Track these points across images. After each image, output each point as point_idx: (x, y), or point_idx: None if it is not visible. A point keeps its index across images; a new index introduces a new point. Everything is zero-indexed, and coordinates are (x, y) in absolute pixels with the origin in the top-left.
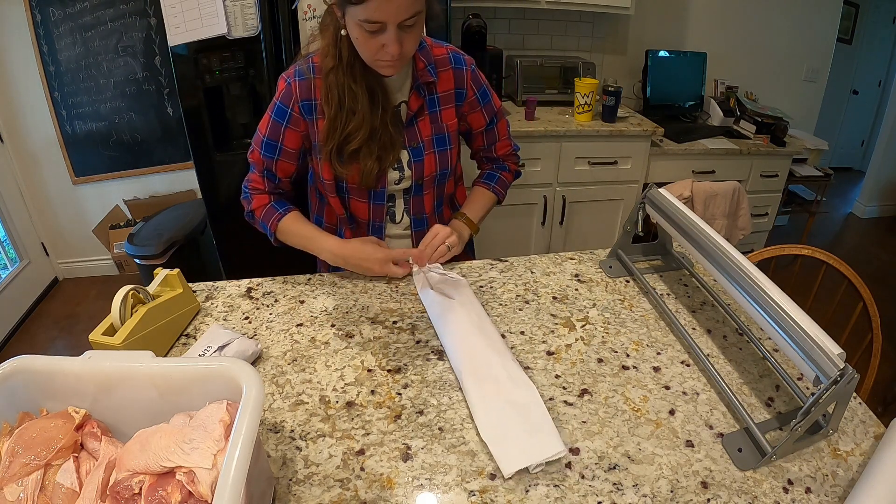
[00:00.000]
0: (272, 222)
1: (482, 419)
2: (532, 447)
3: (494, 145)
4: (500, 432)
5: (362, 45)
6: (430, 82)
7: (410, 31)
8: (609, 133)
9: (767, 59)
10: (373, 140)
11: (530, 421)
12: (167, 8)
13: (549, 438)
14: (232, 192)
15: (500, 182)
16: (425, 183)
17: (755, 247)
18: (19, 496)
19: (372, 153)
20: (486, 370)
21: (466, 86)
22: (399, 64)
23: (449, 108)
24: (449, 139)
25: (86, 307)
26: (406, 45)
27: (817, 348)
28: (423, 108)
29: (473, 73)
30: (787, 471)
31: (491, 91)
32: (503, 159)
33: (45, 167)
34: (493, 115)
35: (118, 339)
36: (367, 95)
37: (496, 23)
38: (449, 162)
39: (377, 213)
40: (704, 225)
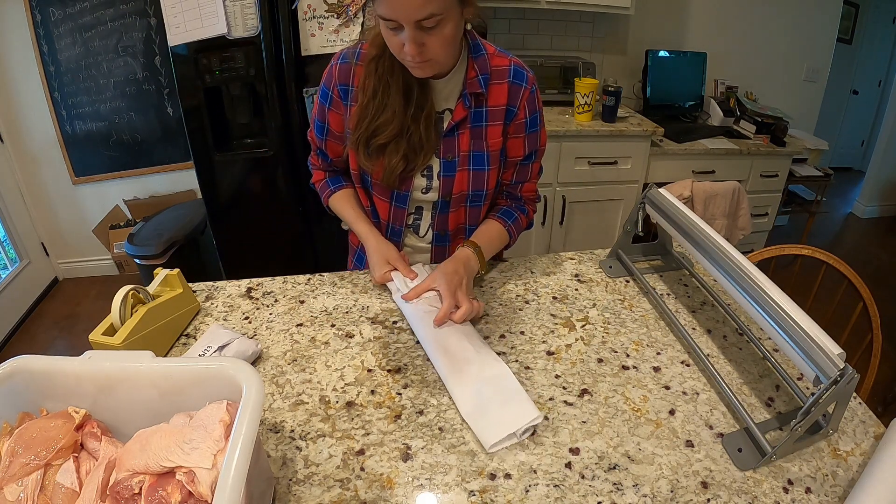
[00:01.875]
0: (324, 197)
1: (458, 396)
2: (509, 417)
3: (523, 184)
4: (477, 408)
5: (388, 41)
6: (479, 93)
7: (432, 33)
8: (609, 133)
9: (767, 59)
10: (402, 138)
11: (503, 392)
12: (167, 8)
13: (523, 406)
14: (232, 191)
15: (516, 224)
16: (453, 200)
17: (755, 247)
18: (19, 496)
19: (399, 150)
20: (457, 350)
21: (520, 105)
22: (427, 67)
23: (496, 126)
24: (488, 159)
25: (86, 307)
26: (430, 48)
27: (817, 348)
28: (467, 120)
29: (532, 95)
30: (787, 471)
31: (542, 122)
32: (525, 201)
33: (45, 167)
34: (534, 151)
35: (118, 339)
36: (402, 92)
37: (496, 23)
38: (485, 183)
39: (398, 216)
40: (704, 225)
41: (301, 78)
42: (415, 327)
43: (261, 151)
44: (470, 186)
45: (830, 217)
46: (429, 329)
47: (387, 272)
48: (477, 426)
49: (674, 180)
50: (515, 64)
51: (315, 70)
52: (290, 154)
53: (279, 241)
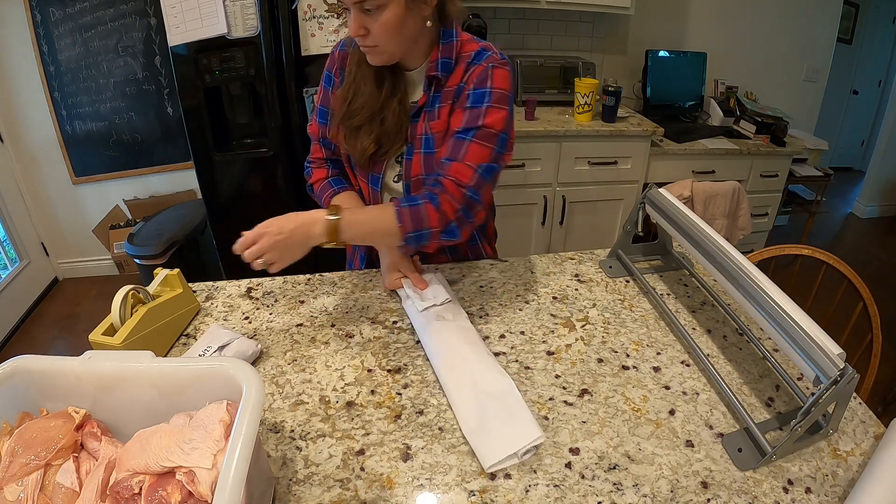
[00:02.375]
0: (325, 198)
1: (461, 413)
2: (510, 437)
3: (451, 163)
4: (479, 425)
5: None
6: (434, 77)
7: (373, 18)
8: (609, 133)
9: (767, 59)
10: (375, 121)
11: (506, 410)
12: (167, 8)
13: (526, 426)
14: (232, 191)
15: (415, 210)
16: (413, 184)
17: (755, 247)
18: (19, 496)
19: (371, 133)
20: (461, 364)
21: (468, 80)
22: (375, 53)
23: (444, 107)
24: (433, 141)
25: (86, 307)
26: (373, 34)
27: (817, 348)
28: (426, 104)
29: (485, 70)
30: (787, 471)
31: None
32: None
33: (45, 167)
34: (473, 127)
35: (118, 340)
36: (374, 78)
37: (496, 23)
38: (434, 167)
39: (374, 198)
40: (704, 225)
41: (301, 78)
42: (422, 339)
43: (261, 151)
44: (423, 170)
45: (830, 217)
46: (436, 342)
47: (397, 279)
48: (478, 445)
49: (674, 180)
50: (483, 47)
51: (315, 70)
52: (290, 154)
53: None
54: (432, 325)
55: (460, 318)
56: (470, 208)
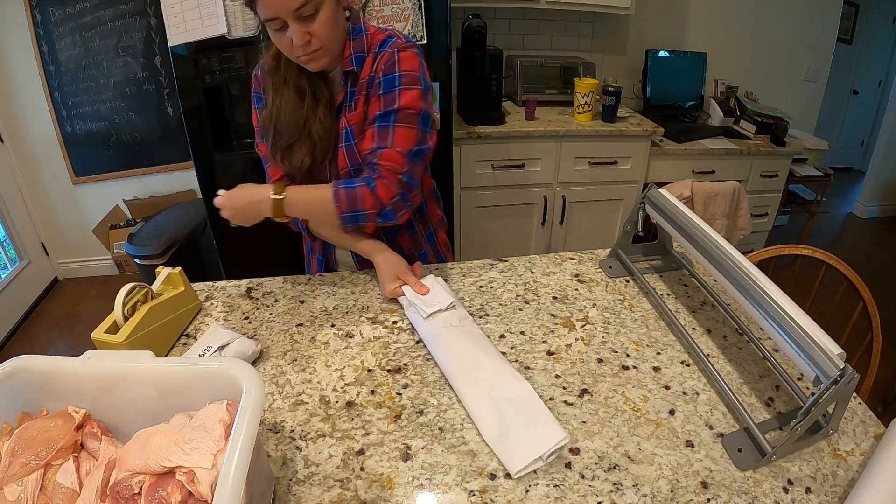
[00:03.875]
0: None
1: (482, 421)
2: (533, 441)
3: (382, 151)
4: (501, 432)
5: (277, 44)
6: (350, 71)
7: (314, 21)
8: (609, 133)
9: (767, 59)
10: (303, 135)
11: (527, 414)
12: (167, 8)
13: (548, 428)
14: None
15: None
16: (342, 177)
17: (755, 247)
18: (19, 496)
19: (303, 149)
20: (476, 370)
21: (377, 69)
22: (319, 56)
23: (360, 98)
24: (351, 133)
25: (86, 307)
26: (317, 36)
27: (817, 348)
28: (345, 99)
29: (390, 56)
30: (787, 471)
31: (404, 85)
32: (380, 171)
33: (45, 167)
34: (391, 111)
35: (121, 338)
36: (295, 95)
37: (496, 23)
38: (357, 156)
39: None
40: (704, 225)
41: None
42: (431, 348)
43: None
44: (347, 162)
45: (830, 217)
46: (446, 350)
47: (397, 287)
48: (502, 451)
49: (674, 180)
50: (389, 34)
51: None
52: None
53: (279, 241)
54: (440, 333)
55: (467, 323)
56: (407, 192)
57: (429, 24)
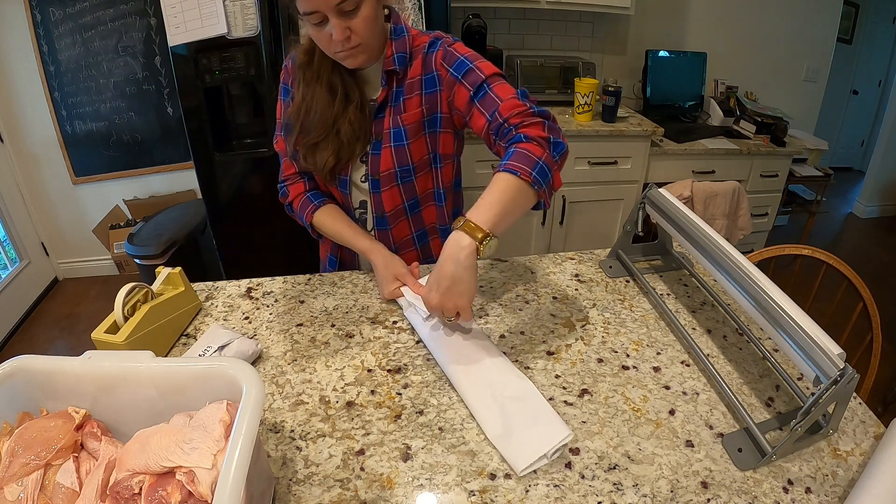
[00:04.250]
0: (307, 214)
1: (485, 420)
2: (537, 439)
3: (497, 110)
4: (504, 430)
5: (315, 39)
6: (393, 71)
7: (356, 17)
8: (609, 133)
9: (767, 59)
10: (331, 135)
11: (530, 412)
12: (167, 8)
13: (552, 426)
14: (232, 192)
15: (515, 156)
16: (383, 178)
17: (755, 247)
18: (19, 496)
19: (329, 148)
20: (477, 370)
21: (436, 66)
22: (357, 53)
23: (412, 98)
24: (406, 133)
25: (86, 307)
26: (357, 32)
27: (817, 348)
28: (388, 100)
29: (445, 51)
30: (787, 471)
31: (476, 60)
32: (514, 124)
33: (45, 167)
34: (481, 82)
35: (121, 337)
36: (327, 94)
37: (496, 23)
38: (408, 158)
39: (345, 201)
40: (704, 225)
41: None
42: (431, 349)
43: (261, 151)
44: (395, 163)
45: (830, 217)
46: (446, 350)
47: (395, 288)
48: (506, 450)
49: (674, 180)
50: (435, 36)
51: None
52: None
53: (279, 241)
54: (440, 333)
55: (467, 323)
56: (546, 117)
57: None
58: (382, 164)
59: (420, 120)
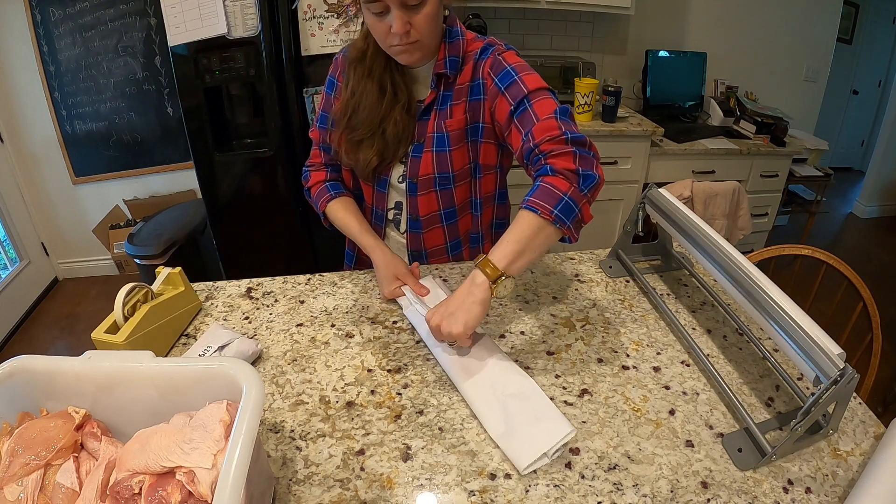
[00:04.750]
0: (322, 202)
1: (487, 419)
2: (540, 436)
3: (531, 132)
4: (507, 428)
5: (373, 29)
6: (443, 74)
7: (418, 12)
8: (609, 133)
9: (767, 59)
10: (377, 134)
11: (532, 410)
12: (167, 8)
13: (555, 423)
14: (232, 192)
15: (538, 193)
16: (421, 182)
17: (755, 247)
18: (19, 496)
19: (373, 146)
20: (478, 368)
21: (483, 74)
22: (413, 50)
23: (459, 105)
24: (448, 140)
25: (86, 307)
26: (416, 28)
27: (817, 348)
28: (435, 103)
29: (494, 59)
30: (787, 471)
31: (521, 73)
32: (542, 152)
33: (45, 167)
34: (523, 97)
35: (121, 337)
36: (377, 90)
37: (496, 23)
38: (449, 165)
39: (380, 200)
40: (704, 225)
41: (301, 78)
42: (431, 348)
43: (261, 151)
44: (435, 169)
45: (830, 217)
46: (447, 350)
47: (396, 288)
48: (508, 448)
49: (674, 180)
50: (488, 42)
51: (315, 70)
52: (290, 154)
53: (279, 241)
54: None
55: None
56: (581, 145)
57: None
58: (422, 167)
59: (463, 128)
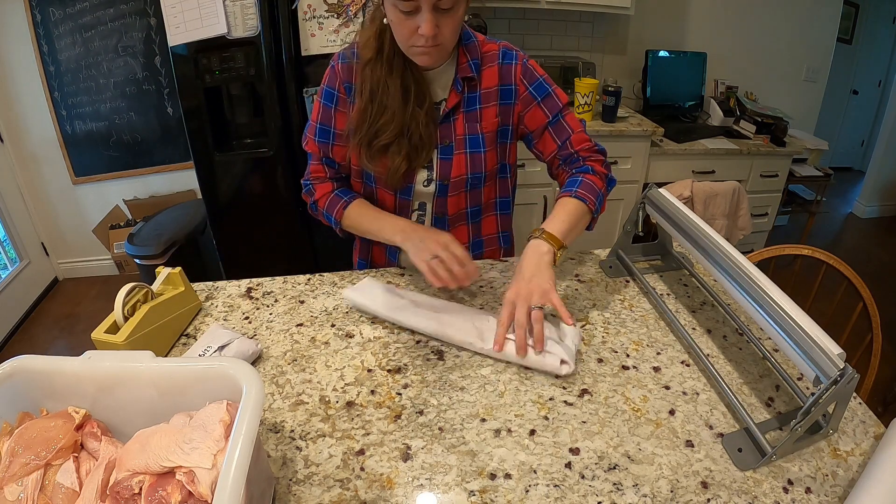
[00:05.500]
0: (337, 210)
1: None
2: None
3: (569, 141)
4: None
5: (397, 27)
6: (470, 78)
7: (448, 16)
8: (609, 133)
9: (767, 59)
10: (403, 137)
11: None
12: (167, 8)
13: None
14: (232, 192)
15: (583, 185)
16: (452, 184)
17: (755, 247)
18: (19, 496)
19: (401, 150)
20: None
21: (515, 80)
22: (435, 53)
23: (490, 107)
24: (483, 141)
25: (86, 307)
26: (443, 31)
27: (817, 348)
28: (461, 105)
29: (525, 67)
30: (787, 471)
31: (552, 85)
32: (582, 157)
33: (45, 167)
34: (557, 111)
35: (121, 338)
36: (401, 91)
37: (496, 23)
38: (482, 166)
39: (403, 207)
40: (704, 225)
41: (301, 78)
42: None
43: (261, 151)
44: (468, 170)
45: (830, 217)
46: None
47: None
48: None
49: (674, 180)
50: (504, 47)
51: (315, 70)
52: (290, 154)
53: (279, 241)
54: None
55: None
56: (605, 155)
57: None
58: (454, 169)
59: (496, 129)
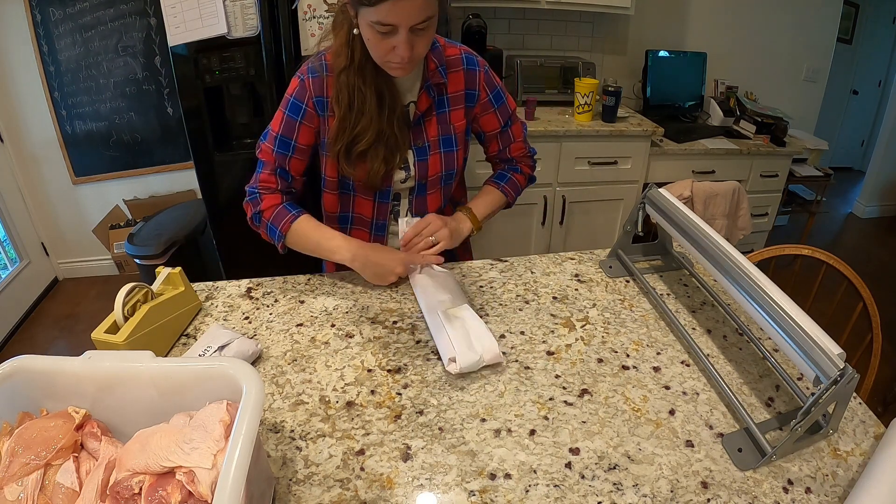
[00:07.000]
0: (283, 223)
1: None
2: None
3: (509, 147)
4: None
5: (373, 46)
6: (441, 83)
7: (422, 35)
8: (609, 133)
9: (767, 59)
10: (380, 142)
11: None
12: (167, 8)
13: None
14: (232, 192)
15: (510, 183)
16: (430, 182)
17: (755, 247)
18: (19, 496)
19: (378, 154)
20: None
21: (479, 87)
22: (409, 66)
23: (458, 110)
24: (456, 140)
25: (86, 307)
26: (417, 48)
27: (817, 348)
28: (432, 108)
29: (487, 75)
30: (787, 471)
31: (506, 93)
32: (517, 161)
33: (45, 167)
34: (507, 118)
35: (121, 338)
36: (376, 97)
37: (496, 23)
38: (455, 163)
39: (381, 211)
40: (704, 225)
41: None
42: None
43: None
44: (443, 167)
45: (830, 217)
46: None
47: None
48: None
49: (674, 180)
50: (465, 52)
51: None
52: None
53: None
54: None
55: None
56: (534, 158)
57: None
58: (431, 169)
59: (465, 129)
